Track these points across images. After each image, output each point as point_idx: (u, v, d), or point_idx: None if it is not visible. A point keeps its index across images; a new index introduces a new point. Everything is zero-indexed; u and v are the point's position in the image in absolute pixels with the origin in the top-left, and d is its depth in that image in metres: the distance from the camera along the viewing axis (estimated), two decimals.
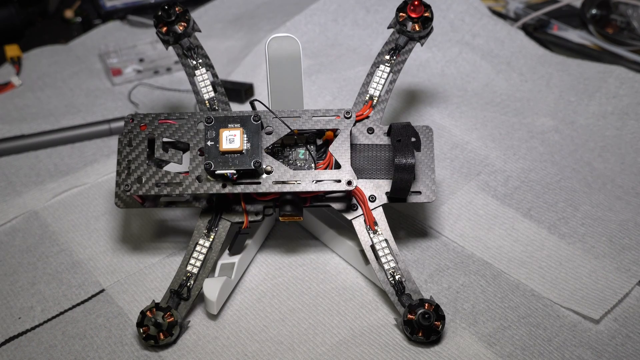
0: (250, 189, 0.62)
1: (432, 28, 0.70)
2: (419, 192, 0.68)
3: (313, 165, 0.66)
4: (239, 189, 0.62)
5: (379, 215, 0.66)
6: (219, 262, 0.69)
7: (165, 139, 0.65)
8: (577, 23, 1.13)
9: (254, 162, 0.61)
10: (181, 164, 0.66)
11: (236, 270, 0.69)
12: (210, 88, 0.69)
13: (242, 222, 0.67)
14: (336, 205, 0.67)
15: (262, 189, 0.62)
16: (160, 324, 0.63)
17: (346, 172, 0.62)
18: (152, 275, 0.72)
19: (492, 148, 0.86)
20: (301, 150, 0.67)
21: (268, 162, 0.63)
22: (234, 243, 0.69)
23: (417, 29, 0.69)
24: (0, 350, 0.65)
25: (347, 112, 0.64)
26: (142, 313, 0.63)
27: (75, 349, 0.65)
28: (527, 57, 1.02)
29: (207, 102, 0.69)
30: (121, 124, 0.91)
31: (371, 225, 0.66)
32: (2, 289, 0.71)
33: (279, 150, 0.67)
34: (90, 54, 1.08)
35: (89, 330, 0.67)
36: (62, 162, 0.87)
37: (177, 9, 0.69)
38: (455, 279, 0.71)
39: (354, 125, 0.65)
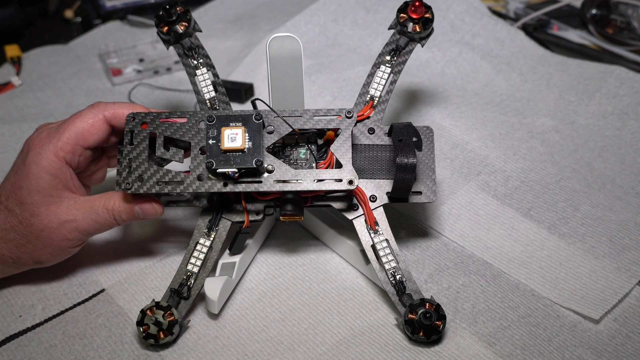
0: (252, 188, 0.62)
1: (432, 29, 0.70)
2: (420, 193, 0.68)
3: (314, 164, 0.66)
4: (240, 187, 0.62)
5: (380, 215, 0.66)
6: (220, 262, 0.69)
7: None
8: (577, 23, 1.13)
9: (255, 160, 0.61)
10: (182, 162, 0.66)
11: (237, 270, 0.69)
12: (211, 88, 0.69)
13: (243, 222, 0.66)
14: (337, 205, 0.67)
15: (263, 188, 0.62)
16: (161, 323, 0.63)
17: (347, 172, 0.62)
18: (152, 274, 0.72)
19: (492, 148, 0.86)
20: (302, 150, 0.67)
21: (269, 161, 0.63)
22: (235, 242, 0.68)
23: (418, 30, 0.69)
24: (1, 350, 0.65)
25: (349, 112, 0.64)
26: (142, 312, 0.63)
27: (76, 348, 0.65)
28: (527, 57, 1.02)
29: (207, 101, 0.69)
30: None
31: (372, 225, 0.66)
32: (3, 286, 0.71)
33: (280, 150, 0.67)
34: (90, 54, 1.08)
35: (89, 329, 0.67)
36: None
37: (178, 8, 0.68)
38: (455, 279, 0.71)
39: (355, 125, 0.65)
